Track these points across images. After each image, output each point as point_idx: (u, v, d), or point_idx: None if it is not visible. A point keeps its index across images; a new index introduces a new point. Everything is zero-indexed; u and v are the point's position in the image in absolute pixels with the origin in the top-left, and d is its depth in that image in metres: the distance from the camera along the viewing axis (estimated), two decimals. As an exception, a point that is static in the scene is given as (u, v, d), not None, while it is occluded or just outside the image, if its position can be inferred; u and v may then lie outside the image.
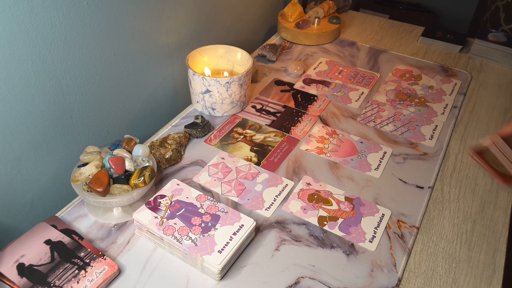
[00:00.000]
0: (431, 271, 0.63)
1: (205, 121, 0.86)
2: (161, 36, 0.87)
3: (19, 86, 0.62)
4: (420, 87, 1.03)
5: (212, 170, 0.78)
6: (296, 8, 1.21)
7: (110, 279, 0.59)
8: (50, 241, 0.62)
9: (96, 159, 0.66)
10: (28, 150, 0.68)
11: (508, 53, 1.13)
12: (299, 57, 1.14)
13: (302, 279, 0.61)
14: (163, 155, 0.77)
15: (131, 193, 0.64)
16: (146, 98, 0.90)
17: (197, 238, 0.61)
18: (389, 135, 0.88)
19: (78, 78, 0.72)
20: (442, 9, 2.11)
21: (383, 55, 1.17)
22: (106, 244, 0.64)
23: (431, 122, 0.92)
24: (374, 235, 0.67)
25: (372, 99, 0.99)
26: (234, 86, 0.85)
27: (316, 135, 0.87)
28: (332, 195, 0.74)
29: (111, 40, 0.75)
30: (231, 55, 0.94)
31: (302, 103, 0.96)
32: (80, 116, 0.75)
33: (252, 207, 0.71)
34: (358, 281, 0.61)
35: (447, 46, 1.21)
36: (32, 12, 0.60)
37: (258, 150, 0.83)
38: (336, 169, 0.80)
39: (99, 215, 0.68)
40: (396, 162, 0.81)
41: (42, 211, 0.75)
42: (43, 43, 0.63)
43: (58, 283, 0.57)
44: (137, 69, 0.84)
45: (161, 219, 0.63)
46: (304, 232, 0.68)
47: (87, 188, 0.63)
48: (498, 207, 0.74)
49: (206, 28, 1.01)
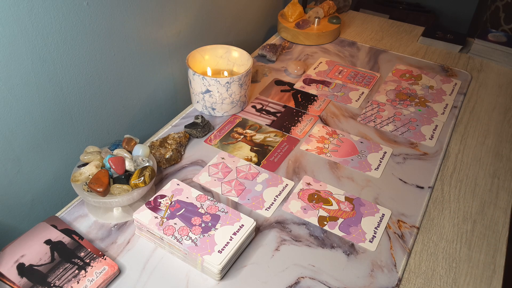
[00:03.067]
0: (431, 271, 0.63)
1: (205, 121, 0.86)
2: (161, 36, 0.87)
3: (19, 86, 0.62)
4: (420, 87, 1.03)
5: (212, 170, 0.78)
6: (296, 8, 1.21)
7: (110, 279, 0.59)
8: (50, 241, 0.62)
9: (96, 159, 0.66)
10: (28, 150, 0.68)
11: (508, 53, 1.13)
12: (299, 57, 1.14)
13: (302, 279, 0.61)
14: (163, 155, 0.77)
15: (131, 193, 0.64)
16: (146, 98, 0.90)
17: (197, 238, 0.61)
18: (389, 135, 0.88)
19: (78, 78, 0.72)
20: (442, 9, 2.11)
21: (383, 55, 1.17)
22: (106, 244, 0.64)
23: (431, 122, 0.92)
24: (374, 235, 0.67)
25: (372, 99, 0.99)
26: (234, 86, 0.85)
27: (316, 135, 0.87)
28: (332, 195, 0.74)
29: (111, 40, 0.75)
30: (231, 55, 0.94)
31: (302, 103, 0.96)
32: (80, 116, 0.75)
33: (252, 207, 0.71)
34: (358, 281, 0.61)
35: (447, 46, 1.21)
36: (32, 12, 0.60)
37: (258, 150, 0.83)
38: (336, 169, 0.80)
39: (99, 215, 0.68)
40: (396, 162, 0.81)
41: (42, 211, 0.75)
42: (43, 43, 0.63)
43: (58, 283, 0.57)
44: (137, 69, 0.84)
45: (161, 219, 0.63)
46: (304, 232, 0.68)
47: (87, 188, 0.63)
48: (498, 207, 0.74)
49: (206, 28, 1.01)
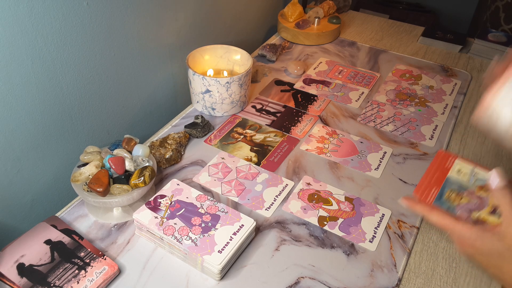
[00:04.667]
0: (431, 271, 0.63)
1: (205, 121, 0.86)
2: (161, 36, 0.87)
3: (19, 86, 0.62)
4: (420, 87, 1.03)
5: (212, 170, 0.78)
6: (296, 8, 1.21)
7: (110, 279, 0.59)
8: (50, 241, 0.62)
9: (96, 159, 0.66)
10: (28, 150, 0.68)
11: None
12: (299, 57, 1.14)
13: (302, 279, 0.61)
14: (163, 155, 0.77)
15: (131, 193, 0.64)
16: (146, 98, 0.90)
17: (197, 238, 0.61)
18: (389, 135, 0.88)
19: (78, 78, 0.72)
20: (442, 9, 2.11)
21: (383, 55, 1.17)
22: (106, 244, 0.64)
23: (431, 122, 0.92)
24: (374, 235, 0.67)
25: (372, 99, 0.99)
26: (234, 86, 0.85)
27: (316, 135, 0.87)
28: (332, 195, 0.74)
29: (110, 40, 0.75)
30: (231, 55, 0.94)
31: (302, 103, 0.96)
32: (80, 116, 0.75)
33: (252, 207, 0.71)
34: (358, 281, 0.61)
35: (447, 46, 1.21)
36: (32, 12, 0.60)
37: (258, 150, 0.83)
38: (336, 169, 0.80)
39: (99, 215, 0.68)
40: (396, 162, 0.81)
41: (42, 211, 0.75)
42: (43, 43, 0.63)
43: (58, 283, 0.57)
44: (137, 69, 0.84)
45: (161, 219, 0.63)
46: (304, 232, 0.68)
47: (87, 188, 0.63)
48: (498, 207, 0.74)
49: (206, 28, 1.01)
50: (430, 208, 0.53)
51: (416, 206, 0.54)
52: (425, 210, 0.53)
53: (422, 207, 0.54)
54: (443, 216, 0.51)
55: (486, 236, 0.47)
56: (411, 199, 0.55)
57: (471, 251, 0.49)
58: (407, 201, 0.55)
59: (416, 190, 0.58)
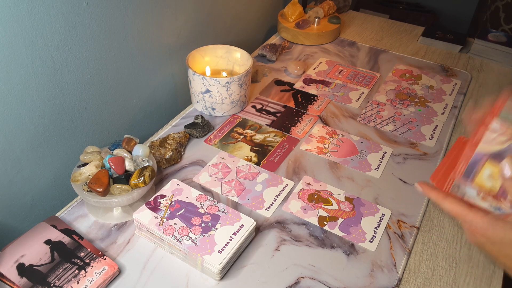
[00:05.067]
0: (431, 271, 0.63)
1: (205, 121, 0.86)
2: (161, 36, 0.87)
3: (19, 86, 0.62)
4: (420, 87, 1.03)
5: (212, 170, 0.78)
6: (296, 8, 1.21)
7: (110, 279, 0.59)
8: (50, 241, 0.62)
9: (96, 159, 0.66)
10: (28, 150, 0.68)
11: (508, 53, 1.13)
12: (299, 57, 1.14)
13: (302, 279, 0.61)
14: (163, 155, 0.77)
15: (131, 193, 0.64)
16: (146, 98, 0.90)
17: (197, 238, 0.61)
18: (389, 135, 0.88)
19: (78, 78, 0.72)
20: (442, 9, 2.11)
21: (383, 55, 1.17)
22: (106, 244, 0.64)
23: (431, 122, 0.92)
24: (374, 235, 0.67)
25: (372, 99, 0.99)
26: (234, 86, 0.85)
27: (316, 135, 0.87)
28: (332, 195, 0.74)
29: (110, 40, 0.75)
30: (231, 55, 0.94)
31: (302, 103, 0.96)
32: (80, 116, 0.75)
33: (252, 207, 0.71)
34: (358, 281, 0.61)
35: (447, 46, 1.21)
36: (32, 12, 0.60)
37: (258, 150, 0.83)
38: (336, 169, 0.80)
39: (99, 215, 0.68)
40: (396, 162, 0.81)
41: (42, 211, 0.75)
42: (43, 43, 0.63)
43: (58, 283, 0.57)
44: (137, 69, 0.84)
45: (161, 219, 0.63)
46: (304, 232, 0.68)
47: (87, 188, 0.63)
48: (498, 207, 0.74)
49: (206, 28, 1.01)
50: (444, 195, 0.52)
51: (431, 192, 0.53)
52: (440, 197, 0.52)
53: (437, 193, 0.53)
54: (457, 204, 0.50)
55: (498, 225, 0.47)
56: (426, 185, 0.54)
57: (482, 240, 0.48)
58: (422, 186, 0.54)
59: (433, 177, 0.56)
